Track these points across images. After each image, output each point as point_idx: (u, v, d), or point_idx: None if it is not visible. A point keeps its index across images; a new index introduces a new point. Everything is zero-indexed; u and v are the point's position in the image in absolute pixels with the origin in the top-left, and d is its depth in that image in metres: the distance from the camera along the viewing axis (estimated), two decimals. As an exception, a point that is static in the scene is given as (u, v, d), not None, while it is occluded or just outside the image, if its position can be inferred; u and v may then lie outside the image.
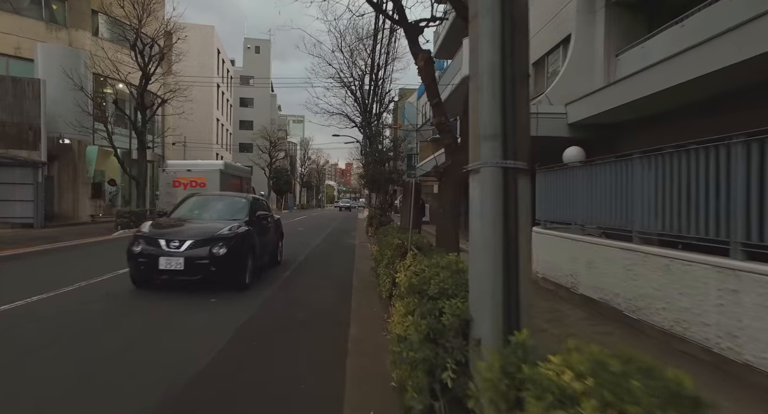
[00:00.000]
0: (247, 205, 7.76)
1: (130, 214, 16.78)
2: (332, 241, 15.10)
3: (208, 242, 6.11)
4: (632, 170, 4.52)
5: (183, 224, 6.94)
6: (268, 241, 8.13)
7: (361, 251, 12.05)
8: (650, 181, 4.22)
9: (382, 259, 6.34)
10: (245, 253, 6.56)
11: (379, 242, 7.89)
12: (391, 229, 7.88)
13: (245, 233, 6.71)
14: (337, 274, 8.34)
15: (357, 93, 21.51)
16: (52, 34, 19.49)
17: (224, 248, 6.09)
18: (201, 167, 16.30)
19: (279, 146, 45.22)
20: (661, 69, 5.84)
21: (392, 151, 15.47)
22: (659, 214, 4.11)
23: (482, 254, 2.28)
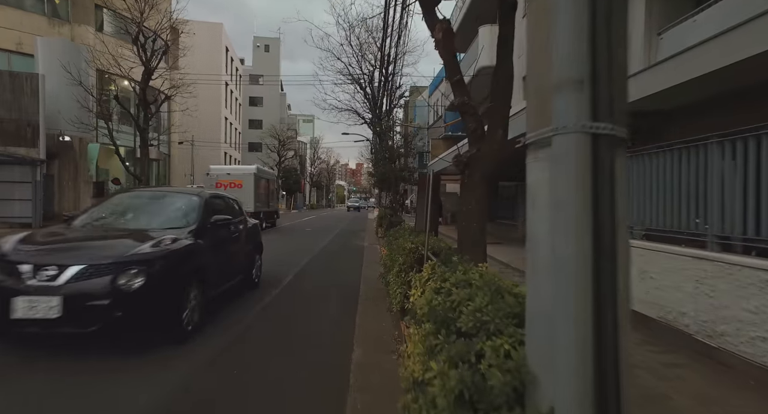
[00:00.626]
0: (197, 206, 5.18)
1: (132, 213, 16.12)
2: (340, 242, 14.29)
3: (110, 269, 3.60)
4: (709, 158, 3.60)
5: (80, 238, 4.39)
6: (233, 258, 5.83)
7: (370, 254, 11.22)
8: (737, 172, 3.30)
9: (393, 265, 5.49)
10: (182, 281, 4.15)
11: (389, 245, 7.05)
12: (402, 231, 7.03)
13: (185, 250, 4.31)
14: (343, 282, 7.51)
15: (366, 88, 20.72)
16: (54, 29, 19.02)
17: (140, 278, 3.64)
18: (238, 171, 19.70)
19: (288, 145, 44.63)
20: (723, 41, 4.88)
21: (403, 148, 14.59)
22: (753, 214, 3.19)
23: (554, 276, 1.39)
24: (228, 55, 41.52)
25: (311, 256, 10.39)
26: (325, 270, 8.78)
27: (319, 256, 10.71)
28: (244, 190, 17.77)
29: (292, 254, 10.73)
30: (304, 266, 8.95)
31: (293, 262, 9.33)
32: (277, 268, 8.47)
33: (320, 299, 6.23)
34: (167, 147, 26.26)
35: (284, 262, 9.31)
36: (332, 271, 8.74)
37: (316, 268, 8.94)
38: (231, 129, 44.11)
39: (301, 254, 10.69)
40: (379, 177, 14.54)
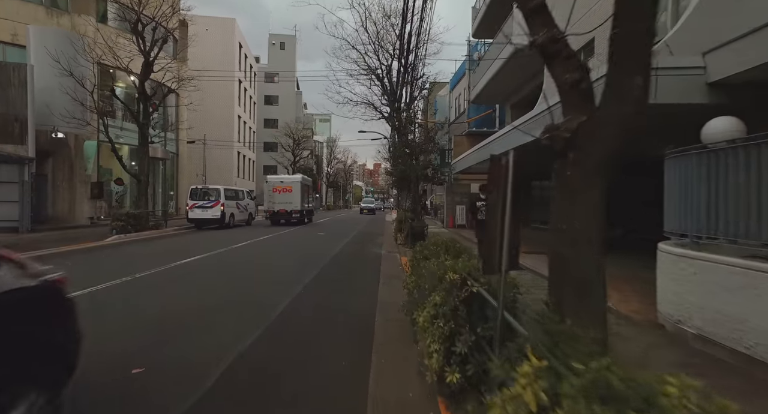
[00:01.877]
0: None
1: (128, 216, 14.79)
2: (354, 250, 12.57)
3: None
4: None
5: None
6: None
7: (388, 266, 9.46)
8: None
9: (424, 304, 3.72)
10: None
11: (414, 266, 5.26)
12: (432, 246, 5.23)
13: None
14: (352, 310, 5.76)
15: (384, 80, 18.96)
16: (52, 19, 17.88)
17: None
18: (288, 179, 23.99)
19: (303, 144, 43.24)
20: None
21: (427, 143, 12.79)
22: None
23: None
24: (241, 52, 40.35)
25: (318, 271, 8.67)
26: (332, 290, 7.04)
27: (328, 269, 8.99)
28: (293, 194, 22.64)
29: (295, 267, 9.06)
30: (307, 284, 7.24)
31: (294, 279, 7.64)
32: (274, 288, 6.80)
33: (319, 342, 4.49)
34: (175, 145, 25.01)
35: (283, 279, 7.63)
36: (341, 291, 7.00)
37: (322, 286, 7.22)
38: (245, 128, 42.96)
39: (306, 267, 9.01)
40: (399, 174, 12.76)
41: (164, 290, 6.52)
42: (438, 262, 3.98)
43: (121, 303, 5.73)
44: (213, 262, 9.51)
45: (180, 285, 6.92)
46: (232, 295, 6.30)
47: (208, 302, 5.80)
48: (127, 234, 14.45)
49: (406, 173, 12.60)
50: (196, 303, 5.75)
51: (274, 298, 6.04)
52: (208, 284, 7.01)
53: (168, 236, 15.48)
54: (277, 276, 7.94)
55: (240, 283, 7.22)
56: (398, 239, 13.34)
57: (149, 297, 6.08)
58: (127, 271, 7.77)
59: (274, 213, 22.73)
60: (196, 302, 5.79)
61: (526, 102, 15.76)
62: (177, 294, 6.34)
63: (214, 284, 7.03)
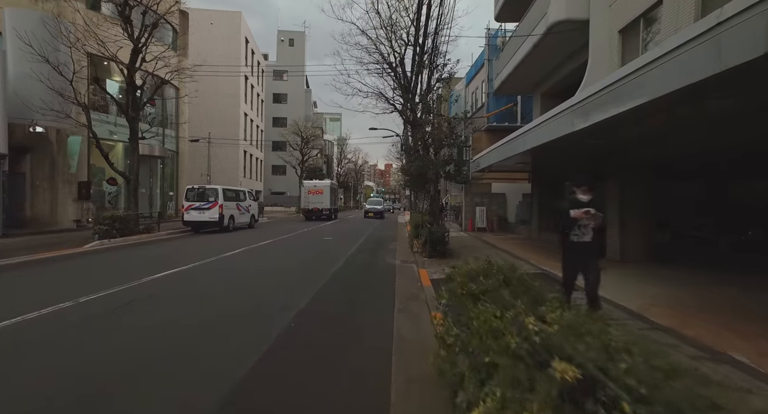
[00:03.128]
0: None
1: (113, 219, 13.27)
2: (362, 260, 10.84)
3: None
4: None
5: None
6: None
7: (404, 283, 7.71)
8: None
9: (479, 379, 1.96)
10: None
11: (452, 311, 3.47)
12: (475, 270, 3.43)
13: None
14: (356, 364, 3.99)
15: (398, 68, 17.21)
16: (37, 4, 16.48)
17: None
18: (321, 183, 29.48)
19: (312, 143, 41.69)
20: None
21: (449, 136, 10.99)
22: None
23: None
24: (248, 47, 38.94)
25: (316, 290, 6.95)
26: (331, 322, 5.30)
27: (329, 288, 7.26)
28: (324, 195, 28.36)
29: (289, 284, 7.35)
30: (300, 313, 5.51)
31: (283, 304, 5.93)
32: (253, 323, 5.06)
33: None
34: (175, 143, 23.58)
35: (269, 304, 5.90)
36: (343, 323, 5.24)
37: (317, 317, 5.48)
38: (252, 126, 41.56)
39: (303, 284, 7.30)
40: (416, 170, 10.99)
41: (103, 328, 4.84)
42: (507, 315, 2.22)
43: (20, 354, 4.07)
44: (189, 277, 7.85)
45: (131, 317, 5.24)
46: (188, 337, 4.59)
47: (148, 353, 4.11)
48: (112, 239, 12.93)
49: (423, 170, 10.85)
50: (133, 356, 4.06)
51: (247, 342, 4.33)
52: (168, 316, 5.32)
53: (158, 241, 13.93)
54: (263, 300, 6.23)
55: (208, 313, 5.52)
56: (414, 246, 11.58)
57: (72, 341, 4.40)
58: (78, 291, 6.15)
59: (308, 210, 28.54)
60: (134, 355, 4.09)
61: (561, 89, 13.89)
62: (117, 337, 4.66)
63: (175, 317, 5.34)
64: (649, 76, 5.07)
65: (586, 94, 6.39)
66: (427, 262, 9.99)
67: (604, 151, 9.73)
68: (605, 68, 9.39)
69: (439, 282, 7.75)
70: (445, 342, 2.90)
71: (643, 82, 5.19)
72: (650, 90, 5.01)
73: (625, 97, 5.54)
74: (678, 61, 4.40)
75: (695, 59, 4.07)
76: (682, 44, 4.28)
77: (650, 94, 5.02)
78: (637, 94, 5.26)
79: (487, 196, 20.43)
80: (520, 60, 13.06)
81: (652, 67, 4.98)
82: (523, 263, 9.64)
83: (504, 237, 16.68)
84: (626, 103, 5.51)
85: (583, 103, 6.51)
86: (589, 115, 6.39)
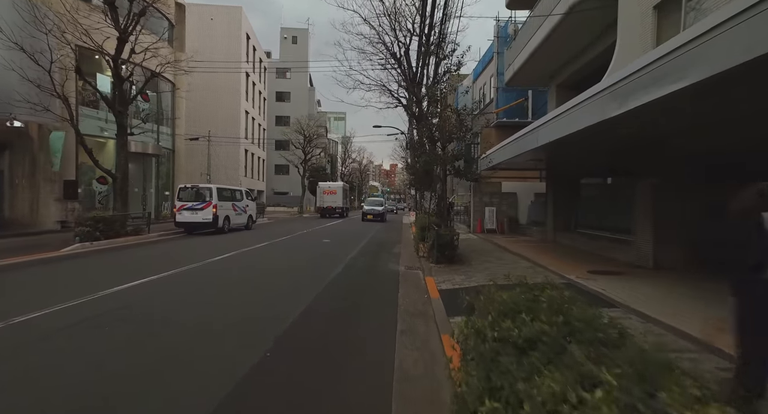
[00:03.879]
0: None
1: (96, 220, 12.36)
2: (362, 265, 9.85)
3: None
4: None
5: None
6: None
7: (409, 295, 6.69)
8: None
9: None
10: None
11: (479, 373, 2.43)
12: (512, 302, 2.41)
13: None
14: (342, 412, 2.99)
15: (402, 59, 16.20)
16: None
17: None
18: (335, 185, 33.98)
19: (315, 142, 40.75)
20: None
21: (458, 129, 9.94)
22: None
23: None
24: (249, 43, 38.03)
25: (307, 303, 5.95)
26: (320, 349, 4.28)
27: (322, 301, 6.26)
28: (337, 195, 32.60)
29: (277, 294, 6.35)
30: (284, 335, 4.50)
31: (268, 323, 4.93)
32: (228, 346, 4.05)
33: None
34: (171, 140, 22.69)
35: (251, 320, 4.89)
36: (335, 349, 4.22)
37: (305, 341, 4.47)
38: (254, 124, 40.67)
39: (293, 294, 6.30)
40: (423, 166, 9.95)
41: (26, 364, 3.87)
42: (592, 397, 1.17)
43: None
44: (160, 289, 6.87)
45: (75, 341, 4.27)
46: (130, 378, 3.60)
47: (95, 389, 3.12)
48: (95, 242, 12.02)
49: (430, 166, 9.82)
50: (75, 390, 3.07)
51: (218, 373, 3.32)
52: (118, 342, 4.34)
53: (145, 244, 13.00)
54: (245, 314, 5.23)
55: (177, 335, 4.54)
56: (420, 250, 10.55)
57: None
58: (22, 307, 5.18)
59: (323, 208, 32.80)
60: (78, 389, 3.11)
61: (579, 79, 12.81)
62: (45, 375, 3.67)
63: (123, 344, 4.36)
64: (713, 44, 4.03)
65: (625, 73, 5.33)
66: (434, 268, 8.97)
67: (633, 144, 8.66)
68: (636, 50, 8.31)
69: (448, 293, 6.73)
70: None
71: (702, 54, 4.14)
72: (712, 63, 3.97)
73: (677, 75, 4.50)
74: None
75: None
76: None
77: (711, 69, 3.98)
78: (693, 70, 4.22)
79: (497, 195, 19.34)
80: (536, 46, 11.99)
81: (719, 31, 3.94)
82: (542, 270, 8.58)
83: (516, 239, 15.60)
84: (679, 81, 4.46)
85: (620, 85, 5.45)
86: (629, 98, 5.33)
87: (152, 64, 15.53)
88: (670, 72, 4.58)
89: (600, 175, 12.76)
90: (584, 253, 10.94)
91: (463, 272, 8.52)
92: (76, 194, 15.09)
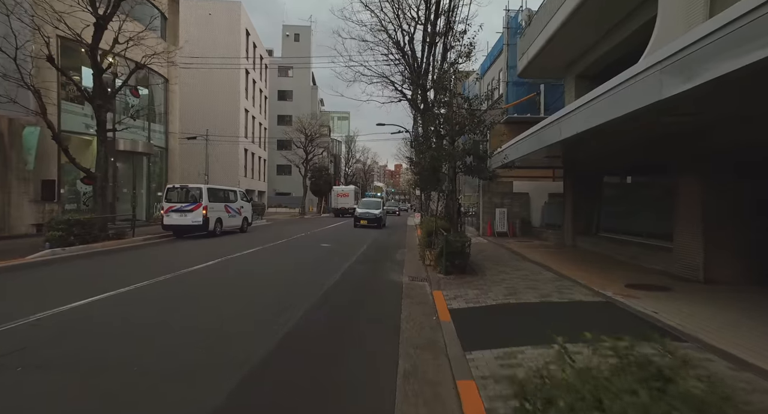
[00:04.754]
0: None
1: (69, 224, 11.25)
2: (360, 277, 8.64)
3: None
4: None
5: None
6: None
7: (415, 317, 5.44)
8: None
9: None
10: None
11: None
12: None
13: None
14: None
15: (406, 47, 15.02)
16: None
17: None
18: (347, 188, 39.28)
19: (317, 141, 39.60)
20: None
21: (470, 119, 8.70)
22: None
23: None
24: (249, 40, 36.93)
25: (285, 332, 4.74)
26: (297, 398, 3.07)
27: (309, 322, 5.04)
28: (349, 197, 37.23)
29: (256, 314, 5.14)
30: (244, 381, 3.30)
31: (235, 355, 3.72)
32: (179, 391, 2.87)
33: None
34: (164, 139, 21.61)
35: (214, 352, 3.68)
36: (315, 402, 3.02)
37: (276, 386, 3.27)
38: (254, 123, 39.58)
39: (279, 312, 5.09)
40: (429, 163, 8.72)
41: None
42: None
43: None
44: (110, 310, 5.69)
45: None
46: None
47: None
48: (68, 247, 10.90)
49: (437, 162, 8.60)
50: None
51: None
52: (39, 388, 3.16)
53: (126, 250, 11.86)
54: (189, 360, 4.02)
55: (112, 378, 3.35)
56: (427, 258, 9.32)
57: None
58: None
59: (337, 209, 37.77)
60: None
61: (600, 69, 11.56)
62: None
63: (62, 381, 3.17)
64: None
65: (699, 34, 4.08)
66: (443, 280, 7.75)
67: (676, 133, 7.39)
68: (681, 25, 7.05)
69: (461, 314, 5.51)
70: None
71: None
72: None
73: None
74: None
75: None
76: None
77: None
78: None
79: (509, 196, 18.07)
80: (556, 29, 10.74)
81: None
82: (571, 284, 7.33)
83: (530, 244, 14.33)
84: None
85: (690, 51, 4.21)
86: (702, 68, 4.09)
87: (138, 56, 14.45)
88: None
89: (629, 172, 11.46)
90: (612, 262, 9.66)
91: (477, 285, 7.29)
92: (53, 195, 13.99)
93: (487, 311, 5.70)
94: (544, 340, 3.70)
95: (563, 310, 5.72)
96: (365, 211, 23.70)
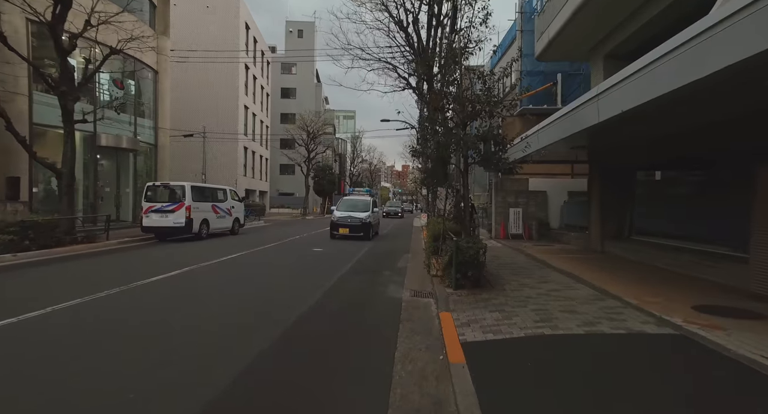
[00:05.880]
0: None
1: (25, 226, 9.85)
2: (354, 289, 7.06)
3: None
4: None
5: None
6: None
7: (413, 354, 3.79)
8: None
9: None
10: None
11: None
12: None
13: None
14: None
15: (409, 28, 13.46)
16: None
17: None
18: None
19: (320, 139, 38.13)
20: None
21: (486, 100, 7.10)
22: None
23: None
24: (249, 34, 35.55)
25: (236, 373, 3.16)
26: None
27: (271, 364, 3.47)
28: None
29: (199, 356, 3.58)
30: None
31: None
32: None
33: None
34: (153, 135, 20.22)
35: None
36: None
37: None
38: (255, 121, 38.20)
39: (246, 339, 3.53)
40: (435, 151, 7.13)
41: None
42: None
43: None
44: (50, 332, 4.18)
45: None
46: None
47: None
48: (20, 253, 9.48)
49: (446, 151, 7.01)
50: None
51: None
52: None
53: (89, 256, 10.38)
54: (147, 387, 2.48)
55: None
56: (433, 267, 7.70)
57: None
58: None
59: None
60: None
61: (635, 46, 9.88)
62: None
63: None
64: None
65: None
66: (452, 297, 6.15)
67: (742, 115, 5.73)
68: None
69: (479, 352, 3.90)
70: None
71: None
72: None
73: None
74: None
75: None
76: None
77: None
78: None
79: (524, 194, 16.39)
80: (578, 5, 9.10)
81: None
82: (614, 302, 5.68)
83: (550, 248, 12.66)
84: None
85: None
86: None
87: (114, 40, 13.02)
88: None
89: (675, 165, 9.77)
90: (657, 272, 7.98)
91: (496, 305, 5.68)
92: (18, 194, 12.63)
93: (514, 348, 4.08)
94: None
95: (623, 349, 4.10)
96: (346, 215, 16.29)
